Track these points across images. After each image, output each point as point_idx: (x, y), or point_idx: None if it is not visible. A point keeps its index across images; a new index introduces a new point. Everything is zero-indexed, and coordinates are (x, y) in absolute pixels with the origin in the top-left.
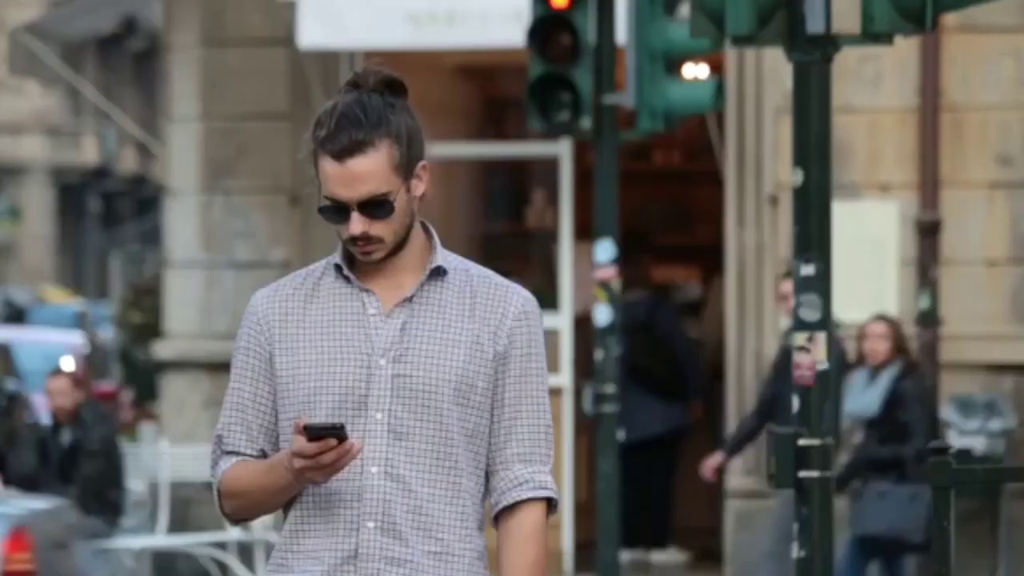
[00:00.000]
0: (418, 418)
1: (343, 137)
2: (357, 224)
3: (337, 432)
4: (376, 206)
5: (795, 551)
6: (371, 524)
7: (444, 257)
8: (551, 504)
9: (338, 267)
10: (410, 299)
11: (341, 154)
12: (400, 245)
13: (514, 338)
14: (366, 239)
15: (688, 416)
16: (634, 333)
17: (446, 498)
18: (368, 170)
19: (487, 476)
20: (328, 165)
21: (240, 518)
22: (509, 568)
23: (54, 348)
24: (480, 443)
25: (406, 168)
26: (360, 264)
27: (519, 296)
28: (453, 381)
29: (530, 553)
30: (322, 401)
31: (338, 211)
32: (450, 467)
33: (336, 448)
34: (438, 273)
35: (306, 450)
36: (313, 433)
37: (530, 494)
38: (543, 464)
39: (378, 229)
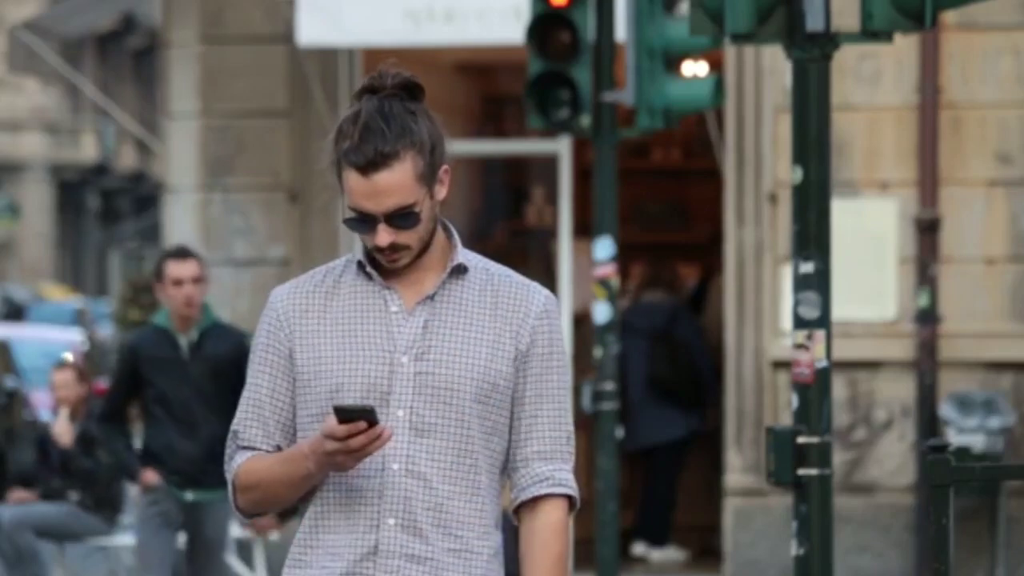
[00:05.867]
0: (439, 415)
1: (368, 150)
2: (384, 236)
3: (368, 415)
4: (403, 218)
5: (794, 549)
6: (391, 521)
7: (464, 255)
8: (571, 502)
9: (360, 264)
10: (432, 297)
11: (366, 168)
12: (424, 247)
13: (536, 337)
14: (393, 248)
15: (704, 423)
16: (654, 340)
17: (465, 495)
18: (394, 183)
19: (507, 473)
20: (353, 178)
21: (254, 512)
22: (532, 564)
23: (53, 345)
24: (499, 441)
25: (430, 176)
26: (382, 263)
27: (540, 295)
28: (475, 379)
29: (554, 549)
30: (344, 397)
31: (364, 222)
32: (470, 465)
33: (366, 432)
34: (459, 271)
35: (336, 432)
36: (343, 415)
37: (549, 490)
38: (564, 462)
39: (405, 238)
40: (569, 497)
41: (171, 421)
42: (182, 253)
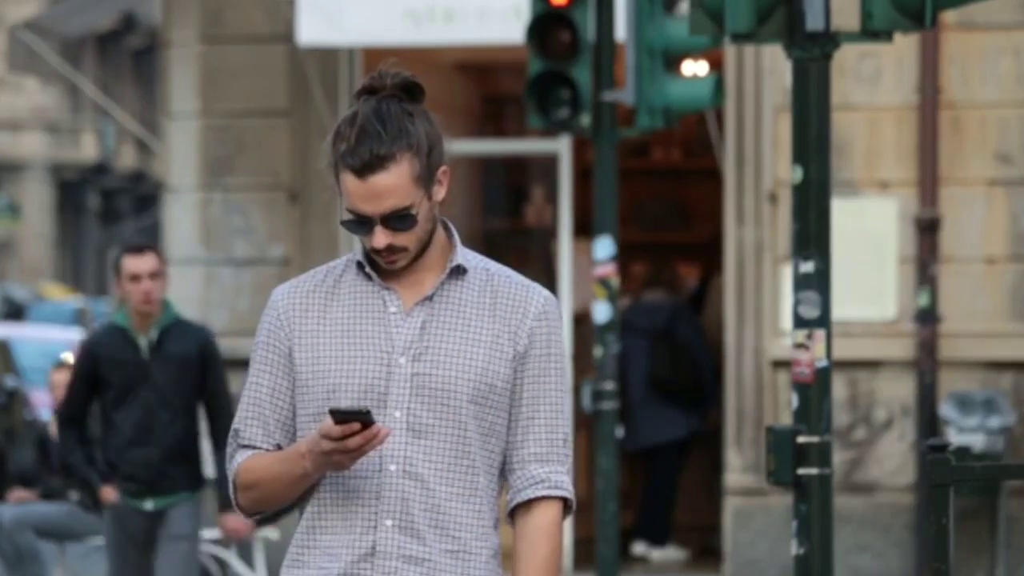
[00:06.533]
0: (437, 416)
1: (364, 152)
2: (381, 237)
3: (363, 417)
4: (399, 219)
5: (794, 548)
6: (389, 522)
7: (464, 256)
8: (567, 505)
9: (359, 264)
10: (430, 298)
11: (363, 170)
12: (422, 248)
13: (534, 338)
14: (390, 250)
15: (704, 422)
16: (655, 340)
17: (463, 496)
18: (390, 185)
19: (504, 474)
20: (350, 180)
21: (255, 511)
22: (523, 564)
23: (53, 345)
24: (496, 442)
25: (427, 178)
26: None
27: (539, 296)
28: (472, 380)
29: (544, 550)
30: (341, 398)
31: (361, 224)
32: (467, 466)
33: (362, 432)
34: (458, 272)
35: (332, 432)
36: (339, 417)
37: (545, 492)
38: (560, 464)
39: (402, 240)
40: (564, 500)
41: (129, 424)
42: (139, 248)
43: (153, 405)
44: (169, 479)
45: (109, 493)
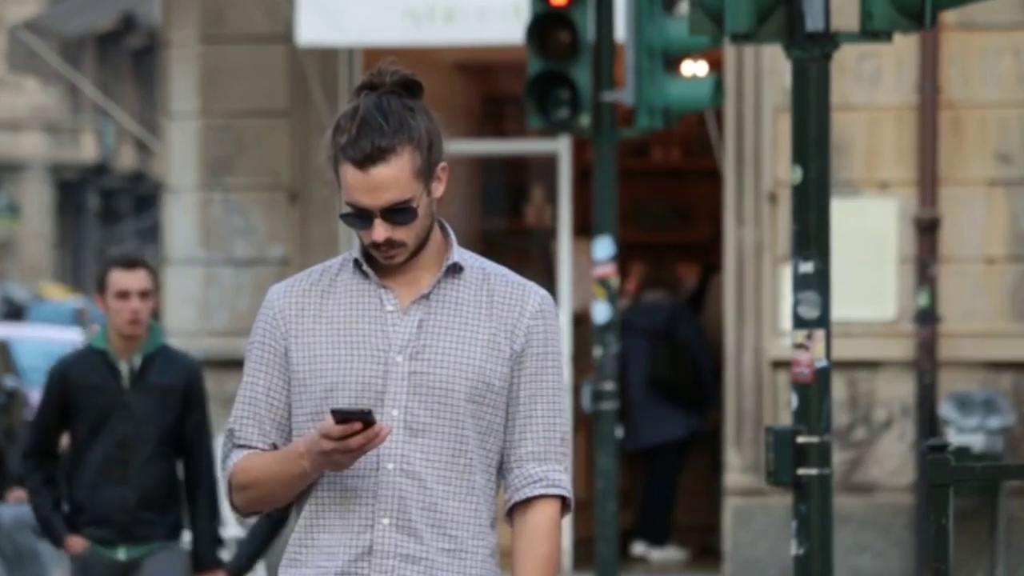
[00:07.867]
0: (434, 415)
1: (365, 144)
2: (380, 231)
3: (364, 417)
4: (399, 213)
5: (794, 549)
6: (386, 521)
7: (460, 254)
8: (565, 503)
9: (357, 262)
10: (427, 296)
11: (363, 162)
12: (420, 245)
13: (531, 337)
14: (389, 244)
15: (703, 423)
16: (655, 340)
17: (460, 495)
18: (390, 178)
19: (502, 473)
20: (350, 173)
21: (251, 511)
22: (522, 564)
23: (53, 345)
24: (494, 441)
25: (427, 172)
26: (378, 260)
27: (536, 295)
28: (470, 379)
29: (542, 549)
30: (339, 396)
31: (360, 217)
32: (464, 465)
33: (363, 432)
34: (455, 270)
35: (332, 432)
36: (340, 417)
37: (543, 491)
38: (558, 463)
39: (401, 234)
40: (563, 498)
41: (103, 461)
42: (130, 262)
43: (129, 440)
44: (144, 525)
45: (76, 544)
